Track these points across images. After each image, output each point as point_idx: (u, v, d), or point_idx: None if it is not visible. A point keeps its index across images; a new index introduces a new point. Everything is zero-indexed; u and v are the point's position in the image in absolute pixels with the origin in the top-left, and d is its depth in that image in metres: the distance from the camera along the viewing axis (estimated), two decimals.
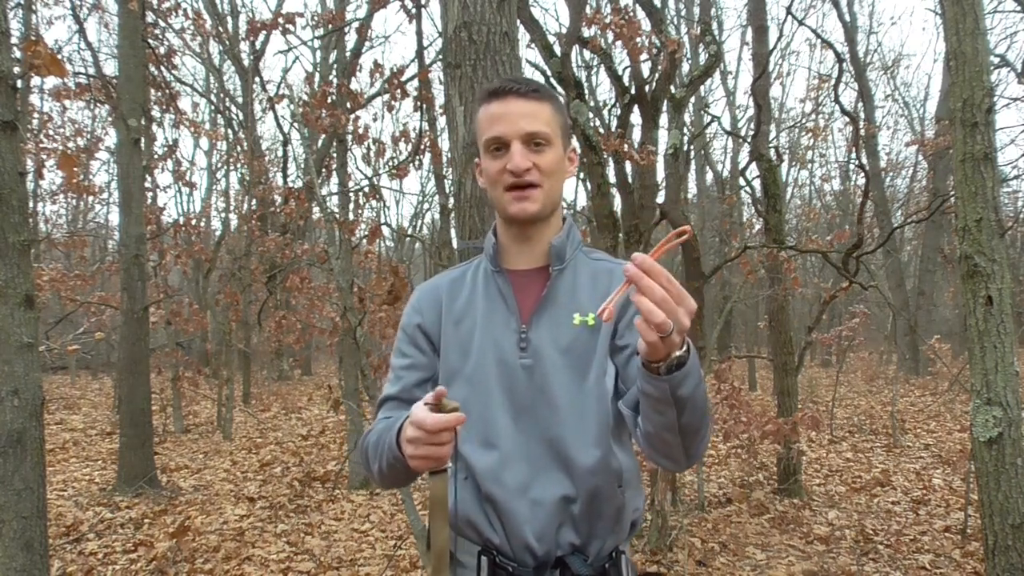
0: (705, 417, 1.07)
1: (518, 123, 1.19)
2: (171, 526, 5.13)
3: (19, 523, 2.59)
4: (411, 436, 1.03)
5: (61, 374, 17.22)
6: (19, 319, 2.63)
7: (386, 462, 1.17)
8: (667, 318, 0.88)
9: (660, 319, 0.87)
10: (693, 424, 1.05)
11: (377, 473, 1.23)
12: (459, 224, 2.69)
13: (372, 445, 1.24)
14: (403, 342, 1.33)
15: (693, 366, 0.98)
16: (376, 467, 1.22)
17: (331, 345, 9.02)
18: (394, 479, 1.22)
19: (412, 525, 3.36)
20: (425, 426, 1.00)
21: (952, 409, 10.23)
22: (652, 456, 1.14)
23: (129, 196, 6.35)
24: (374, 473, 1.25)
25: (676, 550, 4.57)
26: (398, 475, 1.18)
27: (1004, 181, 11.45)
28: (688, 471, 6.61)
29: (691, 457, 1.11)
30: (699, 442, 1.10)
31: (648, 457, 1.17)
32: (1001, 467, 2.75)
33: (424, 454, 1.02)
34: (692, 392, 1.00)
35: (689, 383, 0.98)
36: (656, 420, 1.05)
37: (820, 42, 10.15)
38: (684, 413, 1.02)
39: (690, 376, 0.98)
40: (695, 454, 1.11)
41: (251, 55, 11.25)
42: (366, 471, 1.30)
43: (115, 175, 16.54)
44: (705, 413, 1.06)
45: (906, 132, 20.33)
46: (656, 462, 1.16)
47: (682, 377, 0.97)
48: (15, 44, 3.93)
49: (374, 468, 1.23)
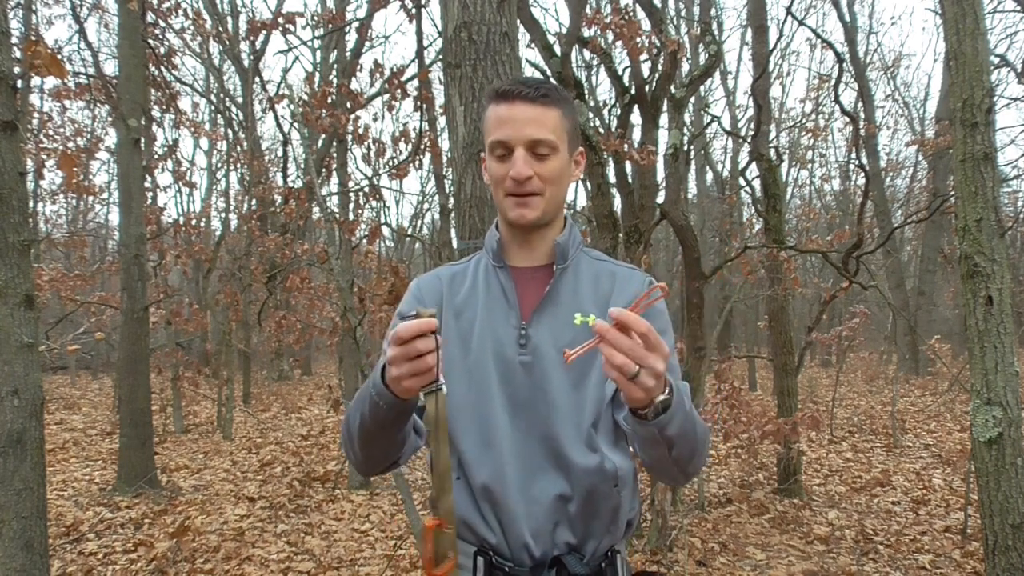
0: (698, 446, 1.11)
1: (523, 129, 1.19)
2: (171, 526, 5.13)
3: (19, 523, 2.59)
4: (391, 356, 1.00)
5: (61, 374, 17.22)
6: (19, 319, 2.63)
7: (368, 411, 1.09)
8: (630, 363, 0.92)
9: (620, 361, 0.92)
10: (685, 455, 1.09)
11: (360, 437, 1.15)
12: (459, 224, 2.69)
13: (351, 411, 1.16)
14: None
15: (678, 407, 1.02)
16: (357, 428, 1.13)
17: (331, 345, 9.02)
18: (378, 439, 1.14)
19: (412, 525, 3.36)
20: (400, 335, 0.98)
21: (952, 409, 10.24)
22: (652, 474, 1.21)
23: (129, 196, 6.35)
24: (355, 444, 1.17)
25: (676, 550, 4.57)
26: (383, 428, 1.11)
27: (1004, 181, 11.45)
28: None
29: (688, 475, 1.17)
30: (695, 465, 1.15)
31: (648, 472, 1.23)
32: (1001, 467, 2.75)
33: (408, 371, 0.99)
34: (680, 429, 1.04)
35: (675, 423, 1.03)
36: (650, 455, 1.11)
37: (820, 42, 10.16)
38: (674, 448, 1.06)
39: (675, 417, 1.02)
40: (692, 473, 1.17)
41: (251, 55, 11.25)
42: (348, 454, 1.23)
43: (115, 175, 16.58)
44: (697, 443, 1.10)
45: (906, 132, 20.36)
46: (656, 478, 1.21)
47: (667, 420, 1.01)
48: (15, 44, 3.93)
49: (355, 430, 1.15)
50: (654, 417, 1.00)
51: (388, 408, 1.06)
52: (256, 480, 6.83)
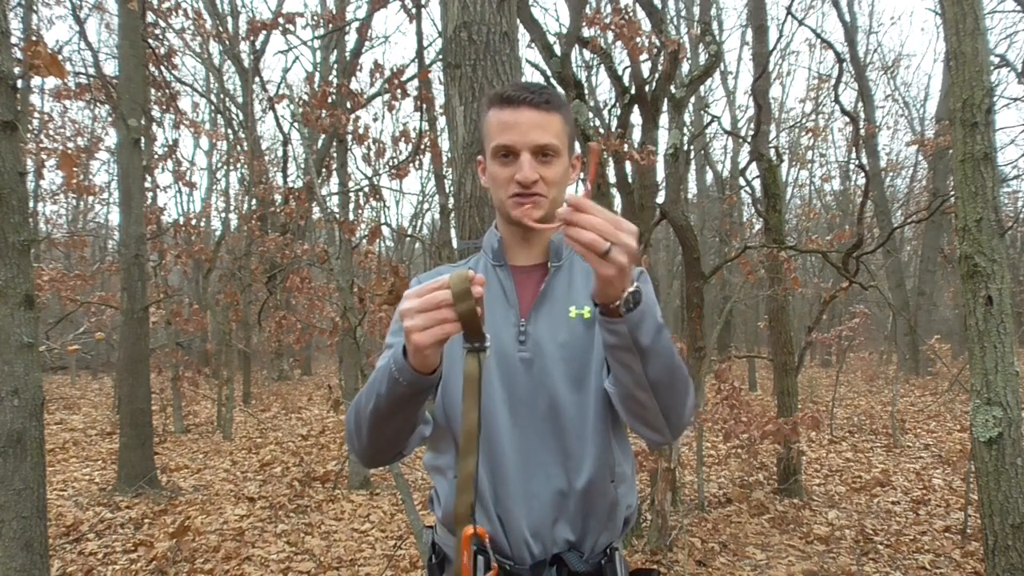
0: (676, 373, 1.10)
1: (529, 134, 1.21)
2: (171, 526, 5.13)
3: (19, 523, 2.59)
4: (405, 307, 0.98)
5: (61, 374, 17.22)
6: (19, 319, 2.63)
7: (386, 389, 1.06)
8: (599, 239, 0.94)
9: (588, 238, 0.94)
10: (663, 379, 1.08)
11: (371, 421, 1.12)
12: (459, 224, 2.68)
13: (363, 395, 1.14)
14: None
15: (649, 307, 1.03)
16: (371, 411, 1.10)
17: (331, 345, 9.03)
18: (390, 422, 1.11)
19: (412, 525, 3.36)
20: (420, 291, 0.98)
21: (952, 409, 10.24)
22: (635, 427, 1.17)
23: (129, 196, 6.35)
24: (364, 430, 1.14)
25: (676, 550, 4.57)
26: (399, 408, 1.08)
27: (1004, 181, 11.45)
28: (688, 471, 6.61)
29: (672, 426, 1.14)
30: (677, 405, 1.12)
31: (632, 429, 1.20)
32: (1001, 467, 2.75)
33: (421, 322, 0.96)
34: (653, 340, 1.04)
35: (647, 327, 1.03)
36: (625, 377, 1.09)
37: (820, 42, 10.16)
38: (649, 363, 1.06)
39: (647, 318, 1.03)
40: (675, 422, 1.14)
41: (251, 55, 11.25)
42: (353, 444, 1.20)
43: (115, 175, 16.57)
44: (674, 369, 1.09)
45: (906, 132, 20.38)
46: (641, 434, 1.18)
47: (639, 318, 1.02)
48: (15, 44, 3.93)
49: (367, 414, 1.12)
50: (626, 311, 1.01)
51: (408, 384, 1.04)
52: (256, 480, 6.83)
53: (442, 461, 1.27)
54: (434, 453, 1.30)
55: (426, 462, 1.33)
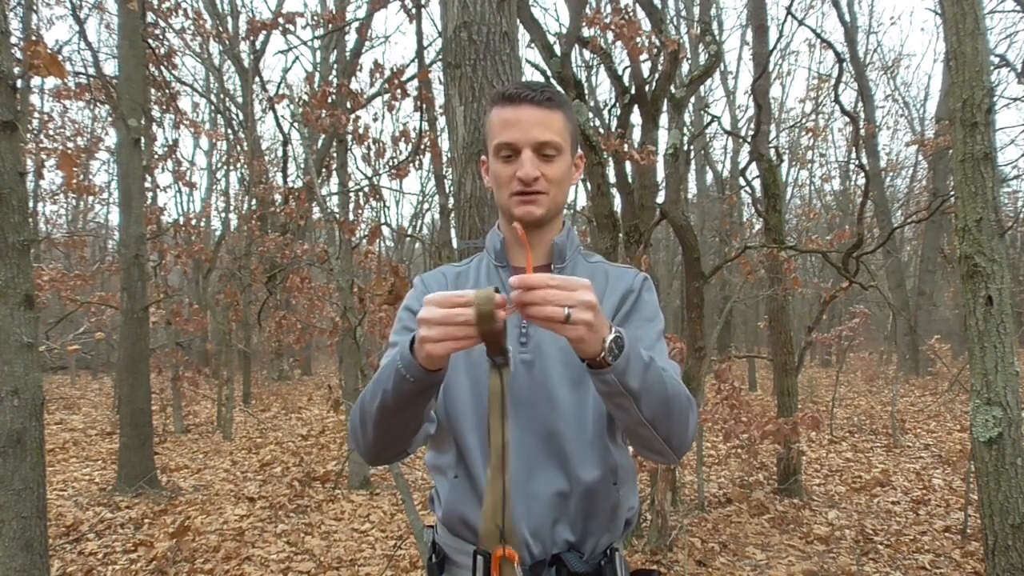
0: (671, 404, 1.09)
1: (530, 132, 1.20)
2: (171, 526, 5.13)
3: (19, 523, 2.59)
4: (424, 314, 0.96)
5: (61, 374, 17.22)
6: (19, 319, 2.63)
7: (392, 386, 1.05)
8: (556, 310, 0.93)
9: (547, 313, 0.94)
10: (658, 414, 1.08)
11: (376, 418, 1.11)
12: (459, 224, 2.68)
13: (369, 391, 1.13)
14: (410, 320, 1.29)
15: (633, 354, 1.03)
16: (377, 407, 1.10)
17: (331, 345, 9.04)
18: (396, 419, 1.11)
19: (412, 525, 3.36)
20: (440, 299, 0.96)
21: (952, 409, 10.24)
22: (640, 451, 1.18)
23: (129, 196, 6.35)
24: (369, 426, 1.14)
25: (676, 550, 4.57)
26: (405, 406, 1.08)
27: (1004, 181, 11.45)
28: (688, 471, 6.61)
29: (675, 448, 1.14)
30: (678, 431, 1.12)
31: (638, 453, 1.19)
32: (1001, 467, 2.75)
33: (439, 334, 0.95)
34: (642, 382, 1.04)
35: (633, 370, 1.03)
36: (622, 417, 1.09)
37: (820, 42, 10.15)
38: (643, 403, 1.05)
39: (632, 361, 1.02)
40: (678, 445, 1.14)
41: (251, 55, 11.25)
42: (357, 440, 1.20)
43: (115, 175, 16.57)
44: (669, 401, 1.09)
45: (906, 132, 20.37)
46: (646, 457, 1.19)
47: (624, 364, 1.01)
48: (15, 44, 3.93)
49: (373, 411, 1.11)
50: (613, 359, 0.99)
51: (415, 381, 1.04)
52: (256, 480, 6.83)
53: (443, 460, 1.27)
54: (435, 452, 1.30)
55: (428, 461, 1.33)
